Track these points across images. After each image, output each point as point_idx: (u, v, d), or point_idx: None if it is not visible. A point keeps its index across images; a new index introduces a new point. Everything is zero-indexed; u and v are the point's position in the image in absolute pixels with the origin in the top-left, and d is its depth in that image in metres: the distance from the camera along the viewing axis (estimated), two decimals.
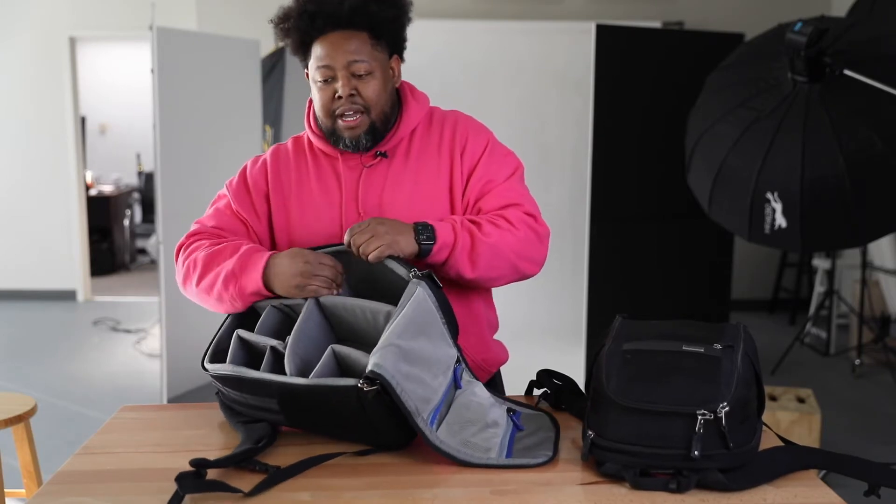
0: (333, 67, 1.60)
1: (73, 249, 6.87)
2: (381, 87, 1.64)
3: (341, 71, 1.60)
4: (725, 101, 3.14)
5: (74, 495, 1.26)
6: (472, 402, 1.45)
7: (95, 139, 9.54)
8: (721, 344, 1.34)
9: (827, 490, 1.27)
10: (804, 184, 2.85)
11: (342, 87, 1.60)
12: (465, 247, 1.58)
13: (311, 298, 1.54)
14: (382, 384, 1.29)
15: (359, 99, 1.61)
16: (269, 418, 1.46)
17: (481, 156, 1.69)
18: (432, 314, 1.45)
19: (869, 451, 3.66)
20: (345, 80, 1.60)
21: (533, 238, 1.65)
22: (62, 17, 6.57)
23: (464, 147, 1.70)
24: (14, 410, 2.44)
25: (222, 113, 4.67)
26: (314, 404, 1.38)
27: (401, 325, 1.38)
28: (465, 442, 1.38)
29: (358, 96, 1.61)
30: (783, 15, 3.99)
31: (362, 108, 1.62)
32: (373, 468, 1.34)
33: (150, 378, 4.82)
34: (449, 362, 1.45)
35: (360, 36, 1.61)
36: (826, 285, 5.55)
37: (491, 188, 1.68)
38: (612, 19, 5.88)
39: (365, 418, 1.35)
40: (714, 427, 1.25)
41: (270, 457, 1.37)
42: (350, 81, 1.60)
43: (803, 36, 2.76)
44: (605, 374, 1.34)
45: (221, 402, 1.57)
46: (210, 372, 1.52)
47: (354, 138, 1.64)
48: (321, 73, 1.61)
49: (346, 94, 1.60)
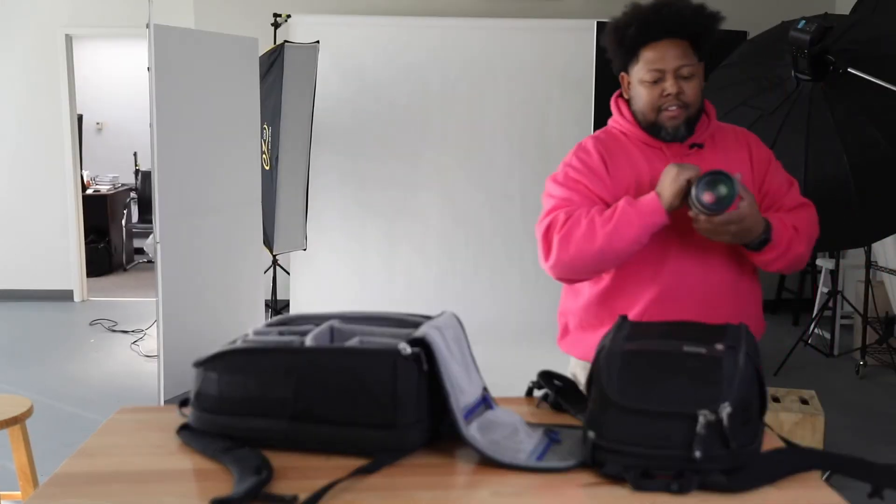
0: (664, 70, 1.90)
1: (69, 249, 6.86)
2: (700, 87, 1.94)
3: (670, 73, 1.90)
4: (728, 100, 3.13)
5: (71, 497, 1.24)
6: (503, 419, 1.45)
7: (92, 138, 9.54)
8: (723, 344, 1.34)
9: (830, 492, 1.26)
10: (808, 183, 2.84)
11: (671, 86, 1.89)
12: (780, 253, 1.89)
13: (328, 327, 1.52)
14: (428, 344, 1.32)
15: (682, 96, 1.91)
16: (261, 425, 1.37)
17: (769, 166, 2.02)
18: (461, 337, 1.49)
19: (873, 453, 3.64)
20: (673, 80, 1.90)
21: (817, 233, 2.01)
22: (59, 15, 6.57)
23: (755, 148, 2.03)
24: (10, 412, 2.43)
25: (220, 111, 4.65)
26: (340, 374, 1.33)
27: (439, 325, 1.41)
28: (494, 442, 1.37)
29: (683, 94, 1.91)
30: (786, 13, 3.97)
31: (684, 104, 1.91)
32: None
33: (148, 379, 4.81)
34: (479, 382, 1.48)
35: (683, 44, 1.91)
36: (830, 286, 5.54)
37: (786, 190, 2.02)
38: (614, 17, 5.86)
39: (390, 387, 1.31)
40: (716, 428, 1.24)
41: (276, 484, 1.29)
42: (678, 83, 1.90)
43: (807, 34, 2.74)
44: (606, 375, 1.33)
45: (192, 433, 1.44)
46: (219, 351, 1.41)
47: (675, 128, 1.93)
48: (652, 74, 1.90)
49: (674, 91, 1.89)
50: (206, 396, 1.42)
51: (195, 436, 1.42)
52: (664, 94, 1.90)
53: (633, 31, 1.91)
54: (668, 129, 1.93)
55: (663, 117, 1.92)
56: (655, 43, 1.90)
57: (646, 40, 1.91)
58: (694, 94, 1.92)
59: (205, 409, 1.42)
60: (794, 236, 1.91)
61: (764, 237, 1.84)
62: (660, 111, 1.92)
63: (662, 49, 1.90)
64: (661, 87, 1.90)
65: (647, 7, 1.92)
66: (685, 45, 1.91)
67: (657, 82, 1.91)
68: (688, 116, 1.93)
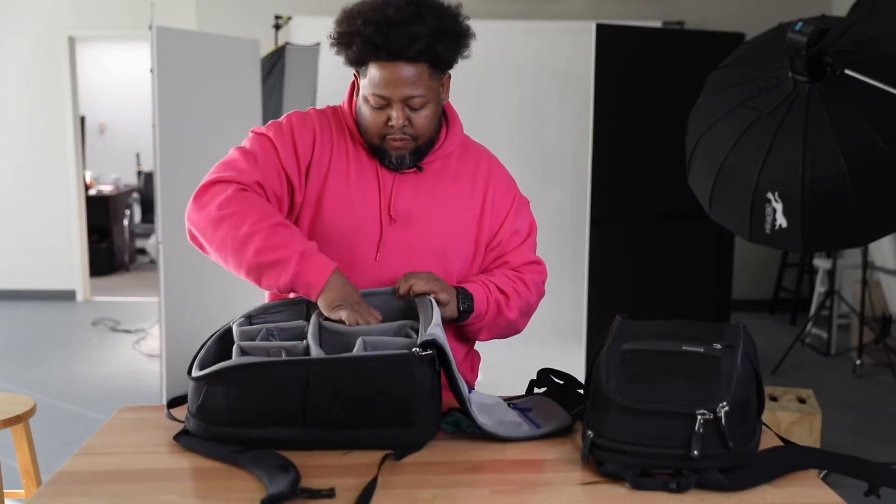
0: (390, 98, 1.60)
1: (72, 249, 6.86)
2: (433, 115, 1.66)
3: (397, 101, 1.60)
4: (726, 101, 3.14)
5: (73, 496, 1.25)
6: (486, 399, 1.57)
7: (95, 139, 9.54)
8: (721, 344, 1.34)
9: (827, 490, 1.27)
10: (805, 184, 2.85)
11: (396, 117, 1.61)
12: (490, 321, 1.71)
13: (315, 319, 1.54)
14: (438, 347, 1.36)
15: (409, 129, 1.64)
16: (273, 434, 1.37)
17: (508, 212, 1.78)
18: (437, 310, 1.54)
19: (870, 452, 3.65)
20: (399, 111, 1.61)
21: (537, 300, 1.80)
22: (62, 17, 6.57)
23: (496, 190, 1.77)
24: (13, 411, 2.44)
25: (222, 113, 4.66)
26: (356, 381, 1.35)
27: (436, 322, 1.44)
28: (500, 421, 1.47)
29: (409, 126, 1.63)
30: (784, 14, 3.97)
31: (412, 136, 1.65)
32: (372, 469, 1.33)
33: (150, 378, 4.82)
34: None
35: (420, 67, 1.59)
36: (827, 285, 5.54)
37: (518, 242, 1.79)
38: (613, 19, 5.87)
39: (405, 390, 1.35)
40: (714, 427, 1.25)
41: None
42: (404, 112, 1.62)
43: (804, 35, 2.75)
44: (605, 374, 1.33)
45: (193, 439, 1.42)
46: (218, 369, 1.37)
47: (399, 158, 1.67)
48: (376, 100, 1.61)
49: (399, 125, 1.62)
50: (212, 410, 1.38)
51: (198, 441, 1.40)
52: (388, 123, 1.62)
53: (356, 47, 1.59)
54: (393, 159, 1.67)
55: (388, 145, 1.65)
56: (384, 63, 1.58)
57: (371, 59, 1.59)
58: (425, 124, 1.64)
59: (212, 422, 1.39)
60: (504, 302, 1.70)
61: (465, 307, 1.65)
62: (384, 138, 1.65)
63: (390, 72, 1.57)
64: (387, 113, 1.62)
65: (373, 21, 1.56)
66: (422, 69, 1.58)
67: (382, 108, 1.62)
68: (416, 147, 1.66)
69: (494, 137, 6.08)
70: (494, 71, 5.78)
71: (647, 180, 4.56)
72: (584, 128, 4.87)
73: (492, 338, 1.77)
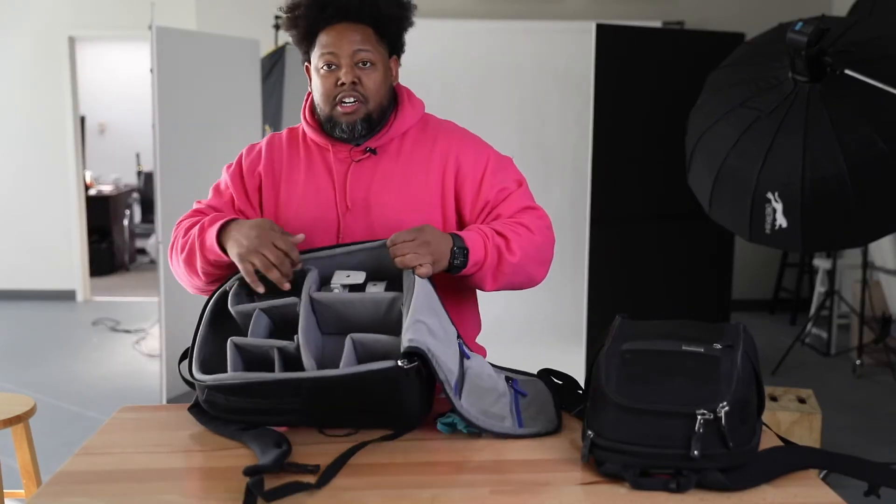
0: (338, 55, 1.66)
1: (72, 249, 6.87)
2: (382, 79, 1.69)
3: (346, 59, 1.65)
4: (726, 101, 3.14)
5: (73, 496, 1.25)
6: (483, 372, 1.54)
7: (95, 139, 9.54)
8: (721, 344, 1.34)
9: (827, 490, 1.27)
10: (805, 184, 2.85)
11: (345, 74, 1.65)
12: (492, 266, 1.64)
13: (306, 295, 1.56)
14: (421, 357, 1.35)
15: (360, 87, 1.66)
16: (276, 420, 1.45)
17: (484, 173, 1.74)
18: (433, 294, 1.54)
19: (870, 452, 3.66)
20: (348, 68, 1.66)
21: (550, 241, 1.74)
22: (61, 17, 6.57)
23: (458, 163, 1.74)
24: (13, 411, 2.44)
25: (222, 112, 4.66)
26: (346, 393, 1.41)
27: (418, 306, 1.44)
28: (484, 411, 1.46)
29: (360, 85, 1.66)
30: (784, 14, 3.98)
31: (362, 97, 1.67)
32: (372, 468, 1.34)
33: (150, 378, 4.82)
34: (452, 336, 1.53)
35: (365, 30, 1.67)
36: (827, 285, 5.54)
37: (507, 195, 1.74)
38: (613, 19, 5.87)
39: (395, 397, 1.40)
40: (714, 427, 1.25)
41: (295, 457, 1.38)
42: (354, 70, 1.66)
43: (804, 35, 2.75)
44: (605, 374, 1.33)
45: (204, 414, 1.51)
46: (213, 383, 1.44)
47: (351, 124, 1.68)
48: (325, 59, 1.66)
49: (349, 80, 1.65)
50: (215, 404, 1.48)
51: (207, 418, 1.50)
52: (339, 83, 1.65)
53: (303, 12, 1.68)
54: (343, 126, 1.68)
55: (338, 112, 1.67)
56: (332, 26, 1.66)
57: (321, 23, 1.67)
58: (374, 85, 1.67)
59: (217, 411, 1.49)
60: (503, 245, 1.65)
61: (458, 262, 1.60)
62: (335, 104, 1.67)
63: (338, 32, 1.65)
64: (336, 75, 1.66)
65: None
66: (367, 32, 1.67)
67: (332, 69, 1.66)
68: (368, 113, 1.68)
69: (494, 137, 6.06)
70: (494, 71, 5.78)
71: (647, 180, 4.56)
72: (584, 128, 4.87)
73: (501, 287, 1.69)
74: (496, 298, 1.88)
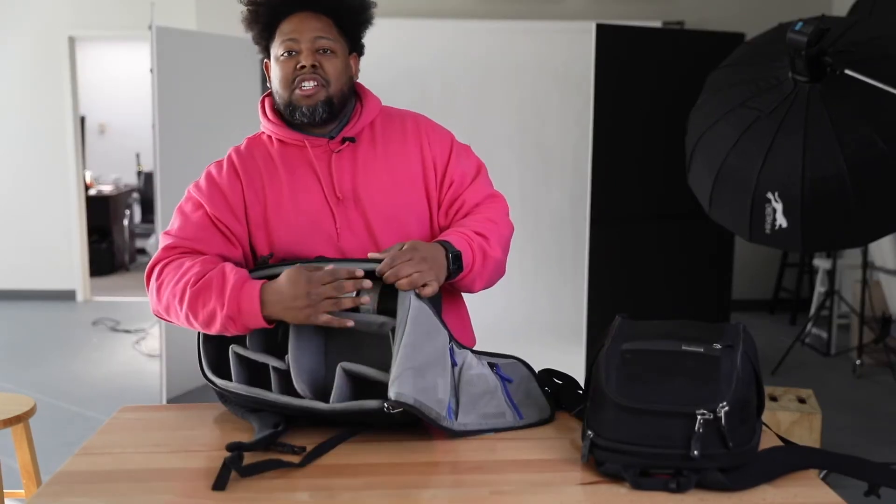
0: (299, 41, 1.67)
1: (72, 249, 6.87)
2: (342, 68, 1.71)
3: (306, 44, 1.67)
4: (726, 101, 3.14)
5: (73, 496, 1.25)
6: (472, 376, 1.52)
7: (95, 139, 9.54)
8: (721, 344, 1.34)
9: (827, 490, 1.27)
10: (805, 184, 2.85)
11: (305, 57, 1.66)
12: (479, 268, 1.65)
13: None
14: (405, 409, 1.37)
15: (321, 71, 1.67)
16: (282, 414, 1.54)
17: (450, 153, 1.78)
18: (426, 312, 1.48)
19: (870, 452, 3.66)
20: (309, 52, 1.67)
21: (512, 230, 1.78)
22: (62, 17, 6.57)
23: (429, 142, 1.78)
24: (13, 411, 2.44)
25: (222, 112, 4.66)
26: (334, 423, 1.49)
27: (408, 346, 1.40)
28: (483, 415, 1.48)
29: (320, 69, 1.67)
30: (784, 14, 3.98)
31: (323, 80, 1.67)
32: (372, 468, 1.34)
33: (150, 378, 4.82)
34: (444, 349, 1.48)
35: (325, 19, 1.70)
36: (827, 285, 5.54)
37: (470, 180, 1.78)
38: (613, 19, 5.87)
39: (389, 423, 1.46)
40: (714, 427, 1.25)
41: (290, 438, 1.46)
42: (314, 55, 1.67)
43: (804, 35, 2.75)
44: (605, 374, 1.34)
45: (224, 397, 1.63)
46: (222, 388, 1.57)
47: (311, 107, 1.67)
48: (286, 45, 1.67)
49: (308, 63, 1.66)
50: (225, 399, 1.62)
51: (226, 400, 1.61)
52: (299, 66, 1.66)
53: (265, 9, 1.71)
54: (304, 109, 1.67)
55: (297, 95, 1.67)
56: (292, 15, 1.69)
57: (282, 13, 1.70)
58: (335, 71, 1.68)
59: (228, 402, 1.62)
60: (485, 245, 1.67)
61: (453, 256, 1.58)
62: (294, 87, 1.67)
63: (299, 20, 1.68)
64: (297, 59, 1.67)
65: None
66: (328, 21, 1.70)
67: (292, 55, 1.67)
68: (328, 97, 1.68)
69: (494, 137, 6.11)
70: (494, 71, 5.78)
71: (647, 180, 4.56)
72: (584, 128, 4.88)
73: (485, 287, 1.71)
74: (496, 298, 1.88)
